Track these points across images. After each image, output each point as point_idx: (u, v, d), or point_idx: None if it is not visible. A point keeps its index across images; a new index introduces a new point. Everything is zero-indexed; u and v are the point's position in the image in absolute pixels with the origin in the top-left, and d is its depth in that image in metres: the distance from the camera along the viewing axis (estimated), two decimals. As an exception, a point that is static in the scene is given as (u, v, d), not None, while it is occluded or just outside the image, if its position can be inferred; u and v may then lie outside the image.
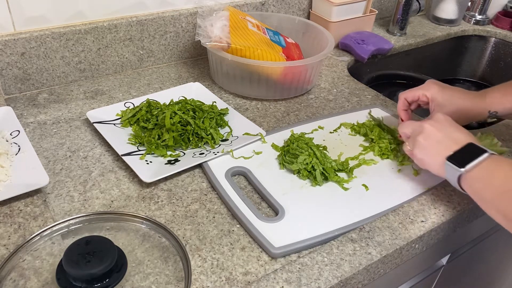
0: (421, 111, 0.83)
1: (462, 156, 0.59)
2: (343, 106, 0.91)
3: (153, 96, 0.85)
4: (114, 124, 0.78)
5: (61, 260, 0.48)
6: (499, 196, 0.55)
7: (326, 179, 0.69)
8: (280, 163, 0.72)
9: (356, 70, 1.12)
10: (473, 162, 0.57)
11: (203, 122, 0.76)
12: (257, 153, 0.74)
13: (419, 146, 0.64)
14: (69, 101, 0.86)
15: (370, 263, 0.57)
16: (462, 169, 0.58)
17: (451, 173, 0.60)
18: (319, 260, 0.57)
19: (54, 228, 0.54)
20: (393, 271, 0.64)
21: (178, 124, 0.74)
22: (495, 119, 0.79)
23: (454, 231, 0.69)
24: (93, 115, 0.78)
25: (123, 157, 0.69)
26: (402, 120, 0.79)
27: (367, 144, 0.78)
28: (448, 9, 1.34)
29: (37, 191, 0.63)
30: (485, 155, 0.57)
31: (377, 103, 0.92)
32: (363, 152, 0.76)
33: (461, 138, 0.61)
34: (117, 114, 0.80)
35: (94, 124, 0.76)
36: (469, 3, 1.38)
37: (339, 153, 0.75)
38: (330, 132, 0.81)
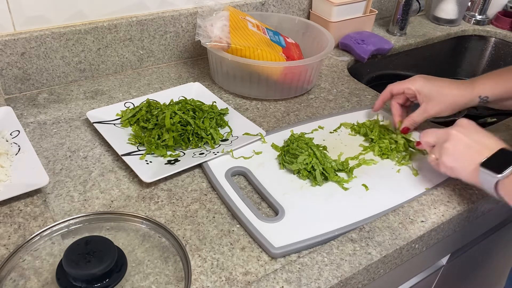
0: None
1: (497, 162, 0.58)
2: (343, 106, 0.91)
3: (153, 96, 0.85)
4: (114, 124, 0.78)
5: (61, 260, 0.48)
6: None
7: (326, 179, 0.69)
8: (280, 163, 0.72)
9: (356, 70, 1.12)
10: (510, 167, 0.56)
11: (203, 122, 0.76)
12: (257, 153, 0.74)
13: (448, 153, 0.62)
14: (69, 101, 0.86)
15: (370, 263, 0.57)
16: (499, 175, 0.56)
17: (486, 180, 0.58)
18: (319, 260, 0.57)
19: (54, 228, 0.54)
20: (393, 271, 0.64)
21: (178, 124, 0.74)
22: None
23: (454, 231, 0.69)
24: (93, 115, 0.78)
25: (123, 157, 0.69)
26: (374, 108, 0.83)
27: (367, 144, 0.78)
28: (448, 9, 1.34)
29: (37, 191, 0.63)
30: None
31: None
32: (363, 152, 0.76)
33: (491, 143, 0.60)
34: (117, 114, 0.80)
35: (94, 124, 0.76)
36: (469, 3, 1.38)
37: (339, 153, 0.75)
38: (330, 132, 0.81)
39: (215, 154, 0.71)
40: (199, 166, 0.71)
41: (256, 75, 0.87)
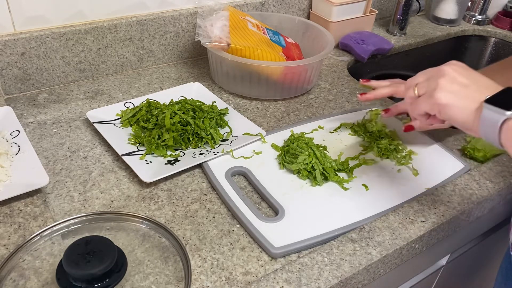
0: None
1: (506, 99, 0.49)
2: (343, 106, 0.91)
3: (153, 96, 0.85)
4: (114, 124, 0.78)
5: (61, 260, 0.48)
6: None
7: (326, 179, 0.69)
8: (280, 163, 0.72)
9: (356, 70, 1.12)
10: None
11: (203, 122, 0.76)
12: (257, 153, 0.74)
13: (443, 89, 0.54)
14: (69, 101, 0.86)
15: (370, 263, 0.57)
16: (508, 113, 0.48)
17: (490, 120, 0.49)
18: (319, 260, 0.57)
19: (54, 228, 0.54)
20: (393, 271, 0.64)
21: (178, 124, 0.74)
22: None
23: (454, 231, 0.69)
24: (93, 115, 0.78)
25: (123, 157, 0.69)
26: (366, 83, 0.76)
27: (367, 144, 0.78)
28: (448, 9, 1.34)
29: (37, 191, 0.63)
30: None
31: (377, 103, 0.92)
32: (363, 152, 0.76)
33: (490, 84, 0.53)
34: (117, 114, 0.80)
35: (94, 124, 0.76)
36: (469, 3, 1.38)
37: (339, 153, 0.75)
38: (330, 132, 0.81)
39: (215, 154, 0.71)
40: (199, 166, 0.71)
41: (256, 75, 0.87)
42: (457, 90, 0.54)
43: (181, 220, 0.62)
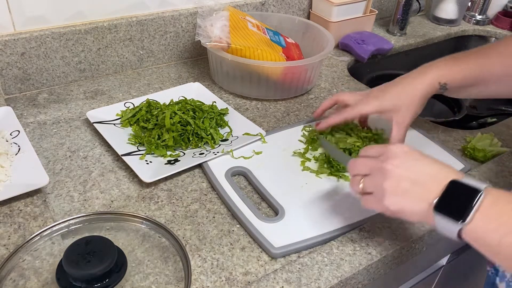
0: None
1: (454, 203, 0.46)
2: (343, 106, 0.91)
3: (153, 96, 0.85)
4: (114, 124, 0.78)
5: (61, 260, 0.48)
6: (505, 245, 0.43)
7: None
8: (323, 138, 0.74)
9: (356, 70, 1.12)
10: (470, 211, 0.45)
11: (203, 122, 0.76)
12: (257, 153, 0.74)
13: (391, 194, 0.50)
14: (69, 101, 0.86)
15: (370, 263, 0.57)
16: (459, 222, 0.45)
17: (446, 228, 0.47)
18: (319, 260, 0.57)
19: (54, 228, 0.54)
20: (393, 271, 0.64)
21: (178, 124, 0.74)
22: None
23: (454, 231, 0.69)
24: (93, 115, 0.78)
25: (123, 157, 0.69)
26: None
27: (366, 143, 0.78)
28: (448, 9, 1.34)
29: (37, 191, 0.63)
30: (481, 195, 0.45)
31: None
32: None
33: (437, 172, 0.49)
34: (117, 114, 0.80)
35: (94, 124, 0.76)
36: (469, 3, 1.38)
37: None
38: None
39: (215, 154, 0.71)
40: (199, 166, 0.71)
41: (256, 75, 0.87)
42: (404, 192, 0.50)
43: (181, 220, 0.62)
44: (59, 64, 0.88)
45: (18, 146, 0.68)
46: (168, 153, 0.73)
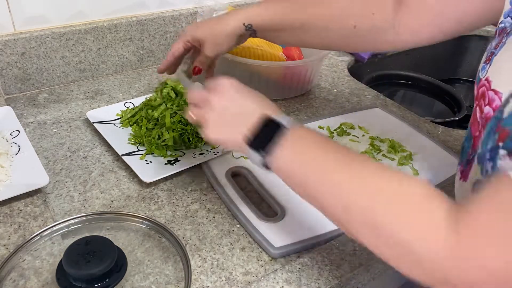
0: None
1: (263, 137, 0.49)
2: (343, 106, 0.91)
3: (153, 96, 0.84)
4: (114, 124, 0.78)
5: (61, 260, 0.48)
6: (307, 185, 0.47)
7: None
8: None
9: (356, 70, 1.12)
10: (273, 144, 0.48)
11: (203, 122, 0.76)
12: (257, 153, 0.74)
13: (210, 125, 0.54)
14: (69, 101, 0.86)
15: (370, 263, 0.57)
16: (263, 154, 0.48)
17: (254, 158, 0.50)
18: (319, 260, 0.57)
19: (54, 228, 0.54)
20: (393, 271, 0.64)
21: (179, 124, 0.74)
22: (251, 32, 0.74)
23: (454, 231, 0.69)
24: (93, 115, 0.78)
25: (123, 157, 0.69)
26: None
27: (366, 146, 0.78)
28: (448, 9, 1.34)
29: (37, 191, 0.63)
30: (284, 131, 0.48)
31: (377, 103, 0.92)
32: (363, 152, 0.76)
33: (256, 108, 0.52)
34: (117, 114, 0.80)
35: (94, 124, 0.76)
36: (469, 3, 1.37)
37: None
38: (331, 132, 0.80)
39: (215, 154, 0.71)
40: (199, 166, 0.71)
41: (256, 75, 0.87)
42: (223, 124, 0.53)
43: (181, 220, 0.62)
44: (59, 64, 0.88)
45: (18, 146, 0.68)
46: (168, 153, 0.73)
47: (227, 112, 0.53)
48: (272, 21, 0.70)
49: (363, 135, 0.81)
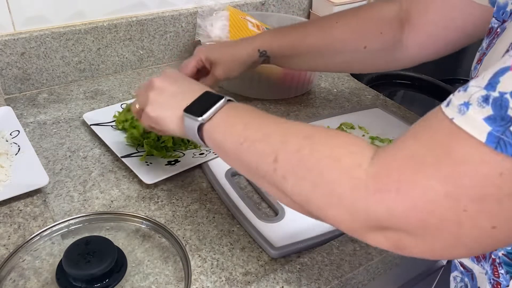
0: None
1: (200, 105, 0.52)
2: (343, 106, 0.91)
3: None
4: (111, 126, 0.77)
5: (61, 260, 0.48)
6: (239, 147, 0.48)
7: None
8: None
9: (356, 70, 1.12)
10: (210, 110, 0.51)
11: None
12: (257, 153, 0.73)
13: (152, 103, 0.56)
14: (69, 101, 0.86)
15: (370, 263, 0.57)
16: (199, 118, 0.50)
17: (190, 125, 0.52)
18: (319, 260, 0.57)
19: (54, 228, 0.54)
20: (393, 271, 0.64)
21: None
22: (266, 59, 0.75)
23: (454, 231, 0.69)
24: (90, 117, 0.78)
25: (123, 159, 0.69)
26: None
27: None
28: (448, 9, 1.34)
29: (37, 191, 0.63)
30: (222, 101, 0.51)
31: (377, 103, 0.92)
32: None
33: (197, 88, 0.55)
34: (114, 116, 0.79)
35: (92, 127, 0.76)
36: (469, 3, 1.37)
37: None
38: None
39: (215, 154, 0.71)
40: (199, 166, 0.71)
41: (256, 75, 0.87)
42: (164, 101, 0.56)
43: (181, 220, 0.62)
44: (59, 64, 0.88)
45: (18, 146, 0.68)
46: (168, 154, 0.72)
47: (168, 90, 0.56)
48: (287, 47, 0.72)
49: (363, 135, 0.81)
